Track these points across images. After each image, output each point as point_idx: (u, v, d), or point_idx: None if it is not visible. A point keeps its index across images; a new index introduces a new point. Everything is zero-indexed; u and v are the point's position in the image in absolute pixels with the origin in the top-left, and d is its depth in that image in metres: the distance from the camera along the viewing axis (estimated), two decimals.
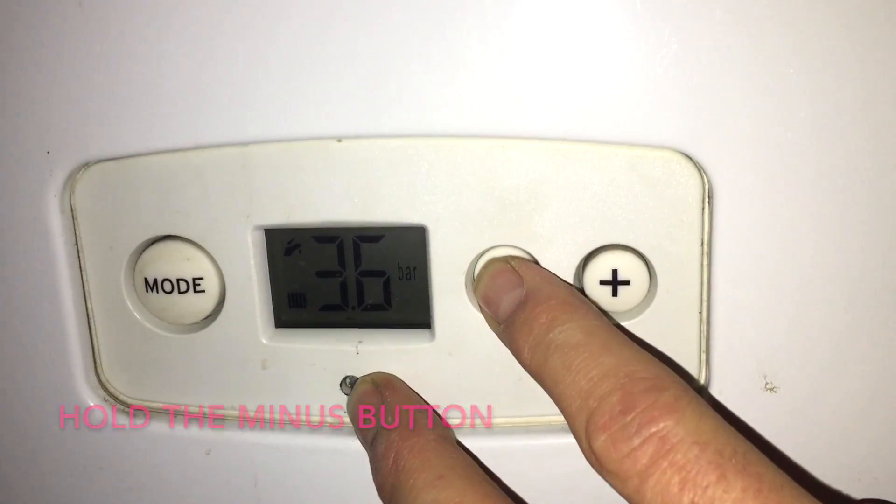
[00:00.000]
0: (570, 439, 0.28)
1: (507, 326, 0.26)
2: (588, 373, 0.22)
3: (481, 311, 0.28)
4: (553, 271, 0.27)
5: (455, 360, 0.29)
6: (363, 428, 0.28)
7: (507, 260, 0.27)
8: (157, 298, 0.30)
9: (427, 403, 0.29)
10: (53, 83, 0.27)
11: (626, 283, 0.27)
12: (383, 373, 0.29)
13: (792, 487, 0.19)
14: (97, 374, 0.31)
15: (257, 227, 0.29)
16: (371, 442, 0.27)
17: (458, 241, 0.28)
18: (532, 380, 0.28)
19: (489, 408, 0.29)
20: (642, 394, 0.21)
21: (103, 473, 0.32)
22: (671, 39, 0.24)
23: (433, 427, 0.26)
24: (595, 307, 0.26)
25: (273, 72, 0.26)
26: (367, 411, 0.28)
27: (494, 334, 0.28)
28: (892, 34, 0.24)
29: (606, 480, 0.22)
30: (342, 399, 0.30)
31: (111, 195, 0.29)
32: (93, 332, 0.31)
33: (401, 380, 0.29)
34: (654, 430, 0.20)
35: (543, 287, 0.26)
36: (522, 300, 0.25)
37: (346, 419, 0.30)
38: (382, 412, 0.27)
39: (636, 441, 0.20)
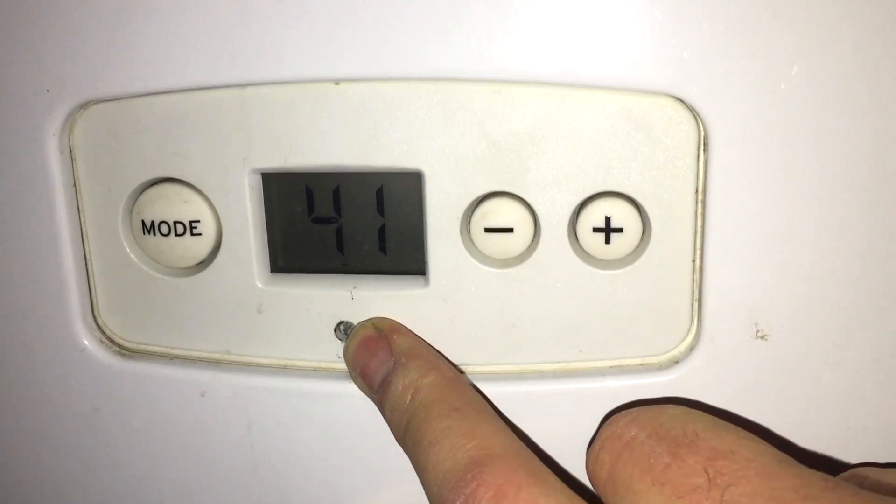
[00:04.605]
0: (563, 386, 0.29)
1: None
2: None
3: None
4: (548, 217, 0.27)
5: (449, 307, 0.29)
6: (368, 371, 0.28)
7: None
8: (154, 241, 0.30)
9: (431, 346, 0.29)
10: (54, 21, 0.27)
11: (620, 230, 0.27)
12: (385, 318, 0.30)
13: None
14: (94, 316, 0.31)
15: (254, 171, 0.29)
16: (382, 382, 0.27)
17: (454, 187, 0.28)
18: (525, 326, 0.29)
19: (481, 354, 0.30)
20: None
21: (99, 415, 0.32)
22: None
23: (448, 367, 0.27)
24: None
25: (272, 13, 0.26)
26: (372, 355, 0.28)
27: (488, 281, 0.28)
28: None
29: None
30: (336, 344, 0.30)
31: (110, 136, 0.29)
32: (90, 273, 0.31)
33: (403, 324, 0.29)
34: None
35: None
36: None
37: (340, 364, 0.30)
38: (393, 354, 0.27)
39: None
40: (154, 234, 0.30)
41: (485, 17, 0.25)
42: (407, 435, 0.25)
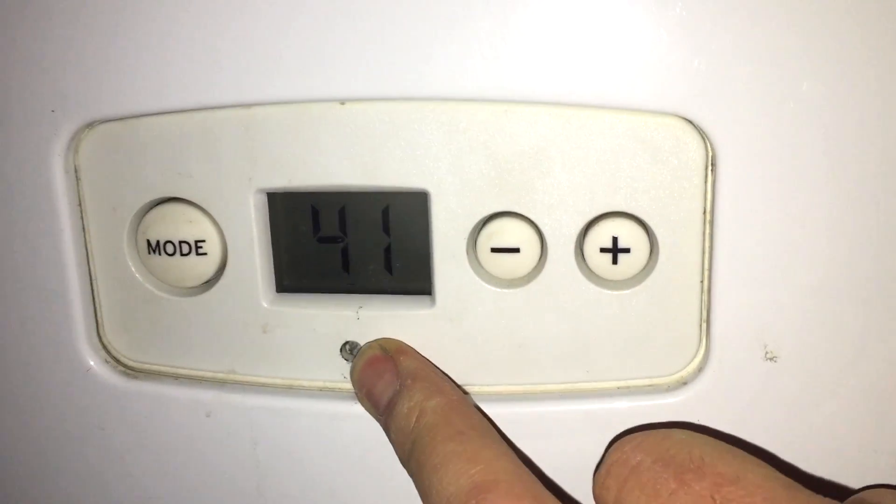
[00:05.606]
0: (569, 406, 0.29)
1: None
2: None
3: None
4: (555, 237, 0.27)
5: (455, 327, 0.29)
6: (374, 392, 0.28)
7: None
8: (160, 260, 0.30)
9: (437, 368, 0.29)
10: (59, 41, 0.27)
11: (627, 250, 0.27)
12: (391, 339, 0.29)
13: None
14: (99, 336, 0.31)
15: (260, 191, 0.29)
16: (388, 404, 0.27)
17: (461, 207, 0.28)
18: (531, 346, 0.29)
19: (488, 374, 0.29)
20: None
21: (104, 434, 0.32)
22: (676, 3, 0.24)
23: (453, 389, 0.27)
24: None
25: (277, 33, 0.26)
26: (378, 376, 0.28)
27: (495, 301, 0.28)
28: None
29: None
30: (341, 364, 0.30)
31: (115, 155, 0.29)
32: (95, 293, 0.31)
33: (410, 346, 0.29)
34: None
35: None
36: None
37: (346, 384, 0.30)
38: (399, 375, 0.27)
39: None
40: (159, 254, 0.30)
41: (490, 37, 0.25)
42: (411, 458, 0.25)
